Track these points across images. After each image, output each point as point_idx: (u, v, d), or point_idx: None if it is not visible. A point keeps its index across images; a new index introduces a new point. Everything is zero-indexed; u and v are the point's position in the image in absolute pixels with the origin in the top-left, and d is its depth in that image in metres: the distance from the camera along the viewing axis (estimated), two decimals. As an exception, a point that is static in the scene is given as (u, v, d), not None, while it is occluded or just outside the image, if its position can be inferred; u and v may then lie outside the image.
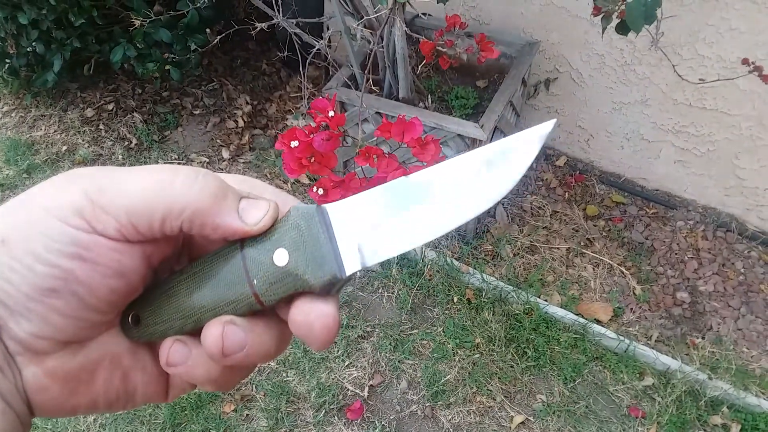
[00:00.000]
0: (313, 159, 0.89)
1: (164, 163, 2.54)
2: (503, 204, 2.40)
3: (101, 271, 0.30)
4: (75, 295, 0.30)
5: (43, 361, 0.31)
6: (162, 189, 0.30)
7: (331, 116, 0.87)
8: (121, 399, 0.34)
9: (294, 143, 0.88)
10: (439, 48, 1.56)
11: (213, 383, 0.33)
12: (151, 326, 0.33)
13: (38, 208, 0.30)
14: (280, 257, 0.32)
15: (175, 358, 0.33)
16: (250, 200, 0.32)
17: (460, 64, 1.71)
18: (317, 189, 0.91)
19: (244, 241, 0.33)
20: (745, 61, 1.63)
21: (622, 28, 1.45)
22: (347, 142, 1.97)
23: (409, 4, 1.68)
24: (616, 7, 1.41)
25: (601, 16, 1.46)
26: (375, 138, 2.00)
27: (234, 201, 0.32)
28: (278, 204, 0.33)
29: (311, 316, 0.31)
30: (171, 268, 0.35)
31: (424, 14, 2.16)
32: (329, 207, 0.33)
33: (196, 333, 0.33)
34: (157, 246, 0.32)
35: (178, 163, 2.59)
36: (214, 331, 0.31)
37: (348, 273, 0.32)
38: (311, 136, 0.86)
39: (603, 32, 1.48)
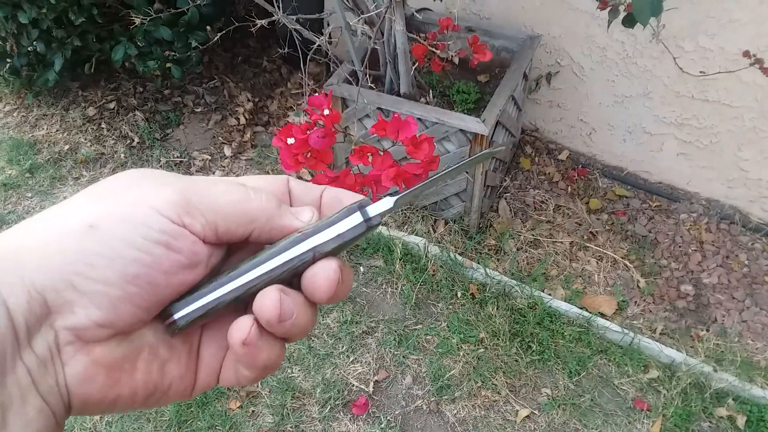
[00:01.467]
0: (309, 155, 0.90)
1: (166, 161, 2.54)
2: (506, 198, 2.39)
3: (182, 261, 0.32)
4: (153, 284, 0.32)
5: (92, 350, 0.31)
6: (243, 200, 0.35)
7: (326, 114, 0.87)
8: (158, 392, 0.35)
9: (290, 140, 0.88)
10: (432, 50, 1.57)
11: (267, 369, 0.35)
12: (191, 315, 0.34)
13: (132, 198, 0.32)
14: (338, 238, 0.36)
15: (253, 337, 0.33)
16: (297, 207, 0.38)
17: (461, 59, 1.71)
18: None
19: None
20: (746, 54, 1.63)
21: (629, 21, 1.45)
22: (347, 139, 1.97)
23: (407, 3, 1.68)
24: (623, 1, 1.40)
25: (608, 9, 1.46)
26: (375, 135, 2.00)
27: (288, 208, 0.37)
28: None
29: (316, 268, 0.35)
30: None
31: (420, 10, 2.16)
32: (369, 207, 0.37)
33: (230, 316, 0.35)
34: (216, 250, 0.35)
35: (180, 161, 2.59)
36: (272, 295, 0.33)
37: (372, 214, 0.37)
38: (308, 133, 0.86)
39: (609, 25, 1.47)
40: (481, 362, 1.95)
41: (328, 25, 2.36)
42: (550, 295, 2.09)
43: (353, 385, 1.92)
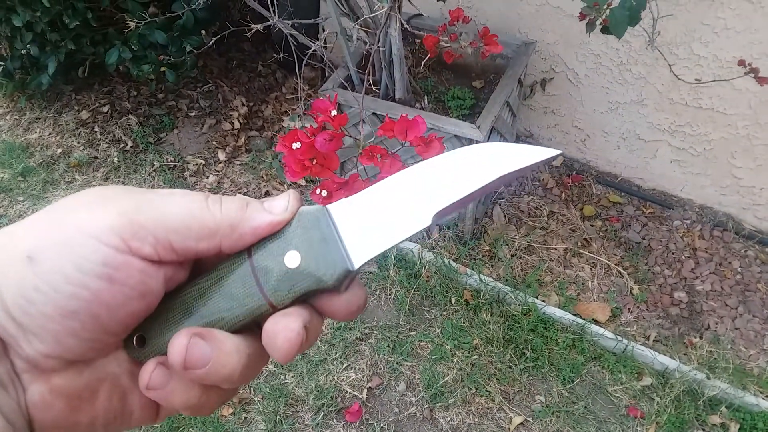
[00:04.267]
0: (315, 161, 0.89)
1: (159, 165, 2.53)
2: (500, 204, 2.39)
3: (127, 293, 0.30)
4: (95, 318, 0.30)
5: (49, 379, 0.31)
6: (198, 209, 0.32)
7: (334, 116, 0.87)
8: (118, 419, 0.34)
9: (296, 145, 0.87)
10: (443, 43, 1.56)
11: (189, 408, 0.33)
12: (157, 346, 0.33)
13: (72, 226, 0.30)
14: (292, 259, 0.32)
15: (156, 382, 0.32)
16: (269, 199, 0.34)
17: (456, 64, 1.71)
18: (321, 191, 0.90)
19: (250, 249, 0.33)
20: (741, 63, 1.63)
21: (608, 30, 1.46)
22: (345, 143, 1.97)
23: (410, 1, 1.68)
24: (600, 14, 1.41)
25: (585, 21, 1.47)
26: (373, 139, 1.99)
27: (258, 204, 0.34)
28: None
29: (278, 326, 0.32)
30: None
31: (414, 17, 2.16)
32: (330, 207, 0.34)
33: None
34: (177, 269, 0.33)
35: (174, 165, 2.59)
36: (179, 342, 0.31)
37: (357, 266, 0.33)
38: (313, 137, 0.86)
39: (588, 34, 1.48)
40: (474, 369, 1.95)
41: (324, 30, 2.36)
42: (544, 301, 2.09)
43: (347, 392, 1.92)
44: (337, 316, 0.34)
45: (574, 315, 2.05)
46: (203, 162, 2.62)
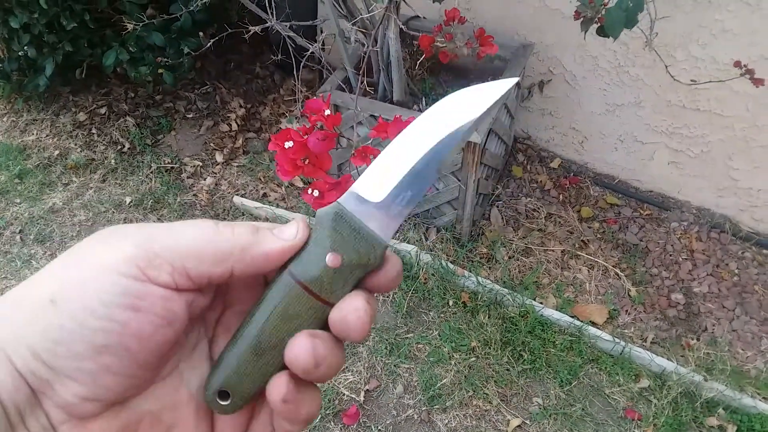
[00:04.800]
0: (307, 161, 0.88)
1: (157, 167, 2.53)
2: (498, 206, 2.39)
3: (153, 321, 0.30)
4: (127, 350, 0.30)
5: (87, 425, 0.30)
6: (210, 234, 0.32)
7: (327, 115, 0.86)
8: None
9: (288, 144, 0.86)
10: (439, 43, 1.56)
11: (310, 419, 0.34)
12: (242, 394, 0.34)
13: (90, 264, 0.30)
14: (333, 260, 0.34)
15: (291, 395, 0.33)
16: (279, 226, 0.35)
17: (454, 66, 1.71)
18: (313, 191, 0.90)
19: (291, 271, 0.34)
20: (737, 64, 1.63)
21: (603, 32, 1.45)
22: (341, 144, 1.97)
23: (406, 2, 1.68)
24: (595, 13, 1.41)
25: (580, 20, 1.46)
26: (370, 140, 1.99)
27: (267, 230, 0.35)
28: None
29: (343, 312, 0.33)
30: (203, 318, 0.36)
31: (416, 17, 2.16)
32: (341, 200, 0.36)
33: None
34: (197, 296, 0.33)
35: (172, 167, 2.58)
36: (304, 344, 0.32)
37: (389, 241, 0.35)
38: (305, 136, 0.85)
39: (584, 35, 1.48)
40: (472, 371, 1.95)
41: (322, 31, 2.36)
42: (541, 303, 2.09)
43: (344, 395, 1.91)
44: (383, 289, 0.36)
45: (572, 317, 2.05)
46: (201, 164, 2.62)
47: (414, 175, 0.36)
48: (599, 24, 1.45)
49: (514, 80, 0.38)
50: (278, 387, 0.33)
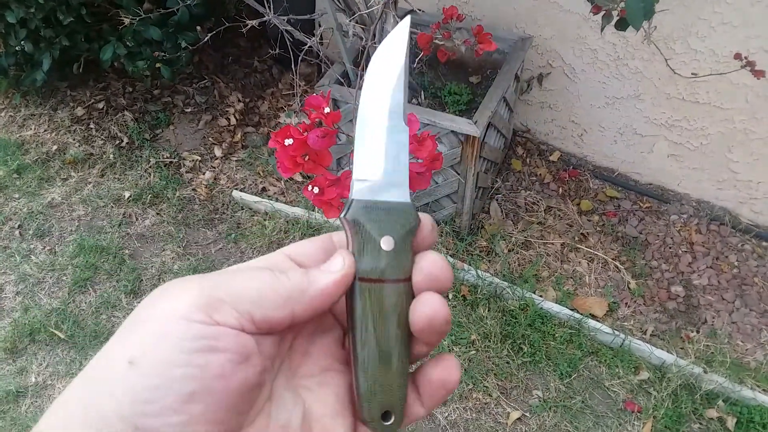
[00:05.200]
0: (307, 158, 0.88)
1: (156, 161, 2.53)
2: (497, 200, 2.39)
3: (232, 359, 0.31)
4: (212, 393, 0.30)
5: None
6: (269, 280, 0.34)
7: (327, 113, 0.86)
8: None
9: (288, 141, 0.86)
10: (437, 41, 1.55)
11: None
12: (396, 403, 0.36)
13: (159, 317, 0.31)
14: (387, 244, 0.36)
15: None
16: (327, 262, 0.36)
17: (453, 60, 1.70)
18: (312, 188, 0.90)
19: (352, 285, 0.36)
20: (737, 56, 1.63)
21: (622, 25, 1.45)
22: (340, 139, 1.96)
23: (403, -1, 1.67)
24: (617, 6, 1.40)
25: (601, 14, 1.45)
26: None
27: (316, 270, 0.35)
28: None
29: (426, 270, 0.36)
30: (277, 354, 0.36)
31: (419, 10, 2.15)
32: (352, 195, 0.37)
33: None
34: (265, 340, 0.34)
35: (170, 162, 2.58)
36: (432, 298, 0.35)
37: (410, 198, 0.38)
38: (305, 133, 0.85)
39: (602, 30, 1.47)
40: (472, 364, 1.95)
41: (320, 25, 2.35)
42: (541, 296, 2.09)
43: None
44: (428, 243, 0.38)
45: (572, 310, 2.05)
46: (199, 158, 2.61)
47: (390, 133, 0.38)
48: (620, 17, 1.44)
49: (406, 22, 0.40)
50: (449, 365, 0.36)
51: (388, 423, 0.36)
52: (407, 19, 0.40)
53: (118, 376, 0.29)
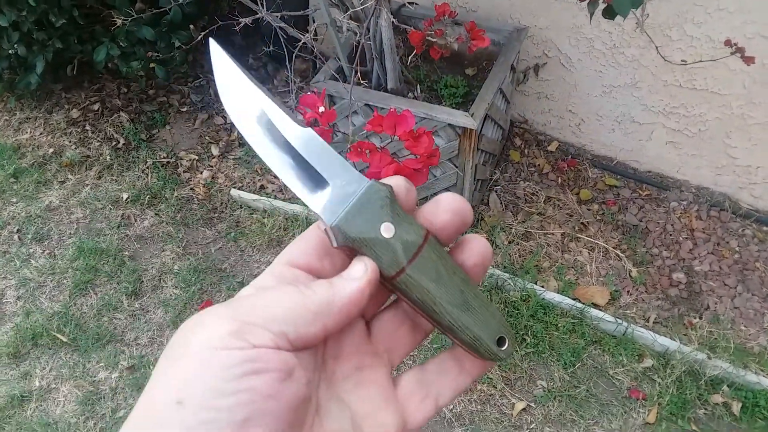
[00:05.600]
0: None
1: (153, 162, 2.52)
2: (496, 191, 2.39)
3: (277, 377, 0.31)
4: (266, 415, 0.30)
5: None
6: (297, 298, 0.34)
7: (321, 112, 0.85)
8: None
9: (285, 141, 0.86)
10: (429, 38, 1.55)
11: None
12: (504, 328, 0.38)
13: (196, 353, 0.31)
14: (388, 231, 0.35)
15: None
16: (345, 271, 0.36)
17: (449, 53, 1.70)
18: None
19: (396, 275, 0.36)
20: (727, 43, 1.62)
21: (609, 13, 1.44)
22: (337, 136, 1.95)
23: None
24: None
25: (587, 1, 1.45)
26: (365, 131, 1.98)
27: (339, 278, 0.35)
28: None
29: (440, 214, 0.37)
30: (314, 375, 0.37)
31: (411, 3, 2.14)
32: (327, 219, 0.36)
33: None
34: (302, 358, 0.34)
35: (167, 162, 2.57)
36: (480, 239, 0.38)
37: (355, 169, 0.38)
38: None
39: (591, 18, 1.46)
40: (476, 357, 1.95)
41: (313, 21, 2.34)
42: (542, 287, 2.09)
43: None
44: (411, 200, 0.38)
45: (574, 299, 2.05)
46: (196, 157, 2.61)
47: (294, 144, 0.37)
48: (606, 5, 1.43)
49: (215, 47, 0.39)
50: (478, 244, 0.38)
51: (505, 347, 0.37)
52: (213, 42, 0.39)
53: (170, 419, 0.29)
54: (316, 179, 0.37)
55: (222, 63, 0.38)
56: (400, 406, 0.38)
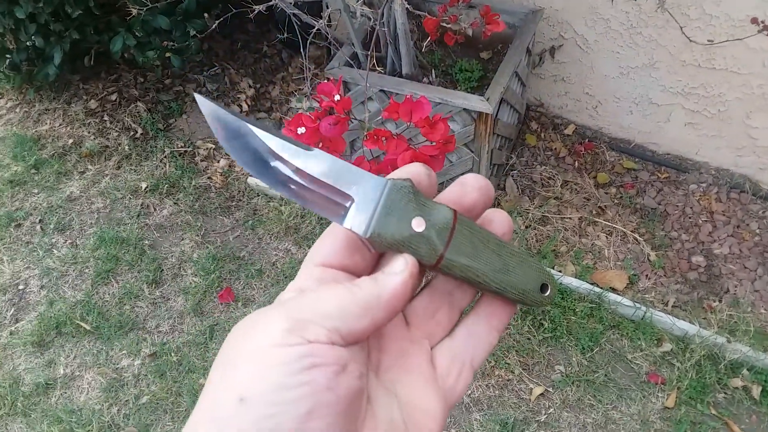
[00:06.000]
0: (320, 145, 0.88)
1: (170, 151, 2.54)
2: (513, 176, 2.38)
3: (334, 370, 0.32)
4: (326, 407, 0.31)
5: None
6: (346, 294, 0.35)
7: (338, 100, 0.86)
8: None
9: (301, 130, 0.86)
10: (444, 24, 1.53)
11: None
12: (546, 276, 0.40)
13: (254, 352, 0.32)
14: (419, 225, 0.36)
15: None
16: (386, 267, 0.37)
17: (464, 39, 1.68)
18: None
19: (437, 260, 0.37)
20: (754, 21, 1.59)
21: None
22: (352, 123, 1.95)
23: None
24: None
25: None
26: (379, 117, 1.98)
27: (381, 274, 0.36)
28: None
29: (467, 196, 0.39)
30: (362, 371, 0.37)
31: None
32: (347, 222, 0.37)
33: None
34: (354, 352, 0.35)
35: (185, 151, 2.59)
36: (504, 214, 0.41)
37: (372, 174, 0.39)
38: (318, 121, 0.85)
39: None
40: (493, 342, 1.95)
41: (327, 7, 2.33)
42: (560, 271, 2.08)
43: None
44: (432, 185, 0.40)
45: (591, 284, 2.04)
46: (213, 146, 2.62)
47: (304, 166, 0.38)
48: None
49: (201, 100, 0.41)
50: (499, 217, 0.41)
51: (548, 292, 0.39)
52: (198, 96, 0.40)
53: (235, 416, 0.30)
54: (340, 195, 0.37)
55: (215, 118, 0.40)
56: (441, 386, 0.39)
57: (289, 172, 0.38)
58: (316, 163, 0.38)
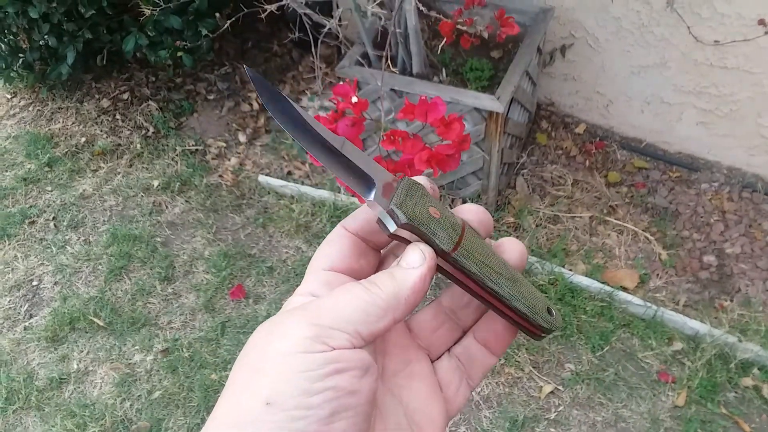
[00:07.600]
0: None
1: (182, 149, 2.55)
2: (523, 175, 2.38)
3: (356, 374, 0.33)
4: (350, 409, 0.32)
5: None
6: (365, 296, 0.35)
7: (355, 102, 0.86)
8: None
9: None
10: (459, 27, 1.54)
11: None
12: (544, 303, 0.40)
13: (278, 358, 0.32)
14: (434, 213, 0.37)
15: None
16: (402, 261, 0.37)
17: (479, 42, 1.69)
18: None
19: (448, 253, 0.37)
20: (761, 22, 1.59)
21: None
22: (366, 122, 1.96)
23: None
24: None
25: None
26: (392, 117, 1.99)
27: (398, 269, 0.36)
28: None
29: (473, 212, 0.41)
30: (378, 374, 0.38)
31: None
32: (381, 215, 0.37)
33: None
34: (373, 350, 0.37)
35: (196, 149, 2.60)
36: (514, 246, 0.41)
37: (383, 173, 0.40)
38: (335, 123, 0.86)
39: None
40: (503, 340, 1.95)
41: (338, 7, 2.34)
42: (570, 270, 2.08)
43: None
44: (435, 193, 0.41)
45: (602, 283, 2.04)
46: (224, 145, 2.64)
47: (346, 150, 0.38)
48: None
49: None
50: (513, 245, 0.41)
51: (555, 315, 0.40)
52: (250, 71, 0.40)
53: (261, 419, 0.31)
54: (363, 177, 0.38)
55: (263, 88, 0.39)
56: (443, 396, 0.40)
57: (325, 147, 0.38)
58: (345, 146, 0.38)
